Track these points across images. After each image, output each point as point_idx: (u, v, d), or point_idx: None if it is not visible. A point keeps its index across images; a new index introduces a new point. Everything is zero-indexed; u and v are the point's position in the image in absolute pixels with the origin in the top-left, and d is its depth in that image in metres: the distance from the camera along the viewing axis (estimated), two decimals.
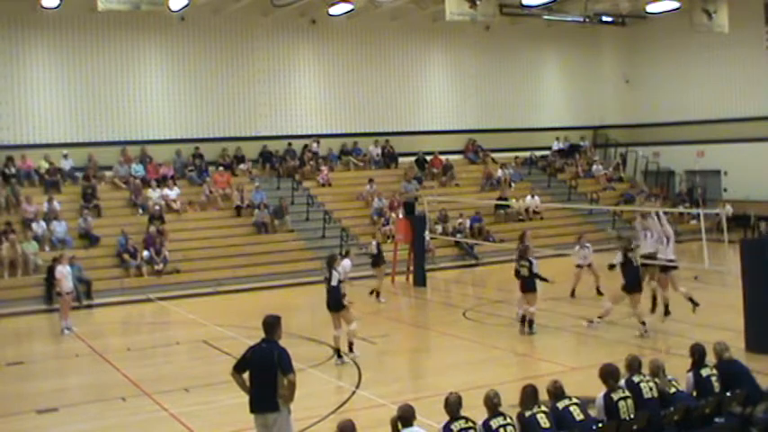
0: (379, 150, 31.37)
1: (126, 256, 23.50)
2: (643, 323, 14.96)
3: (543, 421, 7.76)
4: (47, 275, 21.21)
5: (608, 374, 8.49)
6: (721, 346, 9.48)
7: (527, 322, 15.53)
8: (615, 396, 8.33)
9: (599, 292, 18.84)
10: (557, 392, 8.25)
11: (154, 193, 26.25)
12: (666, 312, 16.24)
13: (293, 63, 30.36)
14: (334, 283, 13.79)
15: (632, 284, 14.98)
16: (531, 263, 15.37)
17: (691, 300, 15.88)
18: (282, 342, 8.25)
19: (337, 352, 13.98)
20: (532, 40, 34.51)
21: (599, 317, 15.69)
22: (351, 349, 14.24)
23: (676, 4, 29.40)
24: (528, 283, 15.40)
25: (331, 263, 14.01)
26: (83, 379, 14.48)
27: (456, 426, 7.57)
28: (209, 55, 28.74)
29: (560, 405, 8.10)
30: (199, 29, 28.51)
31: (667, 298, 16.22)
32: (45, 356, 16.49)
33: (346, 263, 17.21)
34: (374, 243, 20.77)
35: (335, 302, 13.82)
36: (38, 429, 11.56)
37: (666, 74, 34.42)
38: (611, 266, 15.42)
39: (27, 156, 26.01)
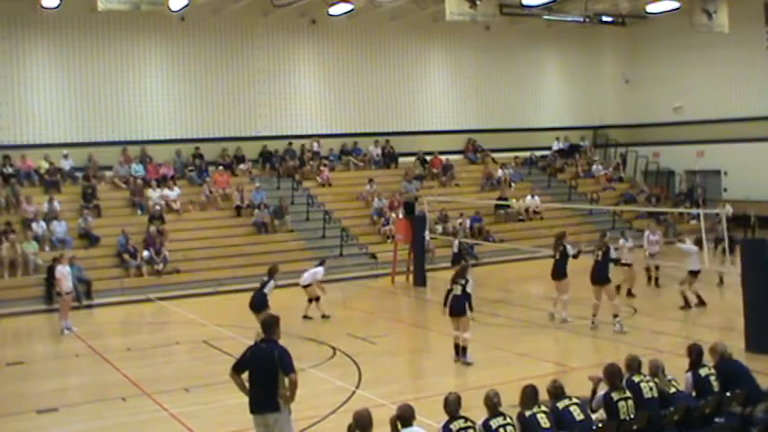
0: (379, 150, 31.37)
1: (126, 256, 23.49)
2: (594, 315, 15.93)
3: (543, 421, 7.76)
4: (47, 275, 21.21)
5: (612, 374, 8.49)
6: (721, 347, 9.49)
7: (460, 350, 13.67)
8: (615, 396, 8.33)
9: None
10: (557, 392, 8.26)
11: (154, 193, 26.25)
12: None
13: (293, 63, 30.35)
14: (266, 290, 14.91)
15: (606, 278, 15.78)
16: (467, 281, 13.68)
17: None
18: (282, 342, 8.25)
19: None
20: (532, 40, 34.50)
21: (615, 315, 15.69)
22: None
23: (676, 4, 29.39)
24: (459, 305, 13.56)
25: (272, 273, 15.22)
26: (83, 379, 14.47)
27: (455, 425, 7.58)
28: (209, 55, 28.74)
29: (560, 405, 8.11)
30: (199, 29, 28.51)
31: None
32: (45, 356, 16.50)
33: (319, 269, 18.17)
34: (456, 242, 20.73)
35: (261, 305, 14.82)
36: (38, 429, 11.56)
37: (666, 74, 34.40)
38: (617, 262, 16.45)
39: (27, 156, 26.01)
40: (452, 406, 7.74)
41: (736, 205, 28.17)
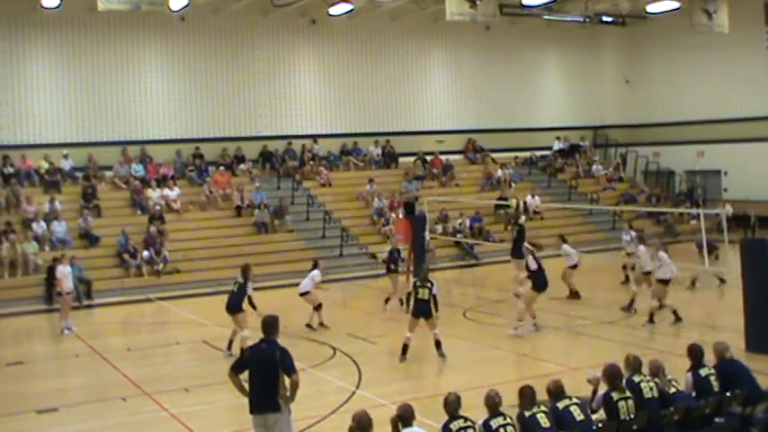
0: (379, 150, 31.37)
1: (126, 256, 23.50)
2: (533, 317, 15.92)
3: (543, 421, 7.76)
4: (47, 275, 21.22)
5: (612, 374, 8.48)
6: (722, 346, 9.48)
7: (436, 344, 14.07)
8: (615, 396, 8.33)
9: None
10: (557, 392, 8.24)
11: (154, 193, 26.25)
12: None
13: (293, 63, 30.36)
14: (249, 292, 14.77)
15: (543, 284, 15.68)
16: (432, 285, 14.05)
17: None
18: (282, 342, 8.23)
19: (229, 344, 14.93)
20: (532, 40, 34.50)
21: (520, 320, 15.76)
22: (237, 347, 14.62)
23: (676, 4, 29.39)
24: (423, 308, 13.94)
25: (247, 273, 14.99)
26: (83, 379, 14.47)
27: (455, 425, 7.58)
28: (209, 55, 28.75)
29: (560, 405, 8.10)
30: (199, 29, 28.51)
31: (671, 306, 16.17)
32: (45, 356, 16.50)
33: (316, 273, 17.37)
34: (386, 250, 20.18)
35: (236, 306, 14.75)
36: (38, 429, 11.56)
37: (666, 74, 34.40)
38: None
39: (27, 156, 26.01)
40: (452, 406, 7.74)
41: (736, 205, 28.19)
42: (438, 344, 14.11)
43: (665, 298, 15.96)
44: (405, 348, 14.13)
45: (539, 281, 15.61)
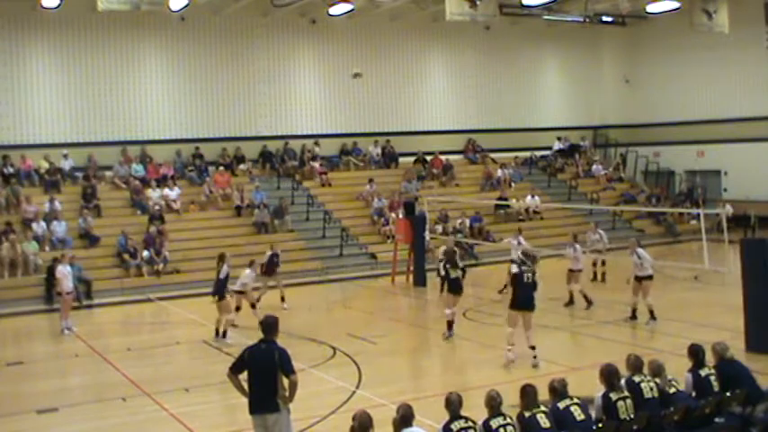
0: (379, 150, 31.37)
1: (126, 256, 23.50)
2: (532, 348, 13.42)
3: (543, 421, 7.75)
4: (47, 275, 21.22)
5: (609, 374, 8.47)
6: (722, 346, 9.47)
7: (449, 324, 15.65)
8: (614, 396, 8.32)
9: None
10: (561, 390, 8.22)
11: (154, 193, 26.25)
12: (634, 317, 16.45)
13: (293, 63, 30.36)
14: (222, 275, 16.06)
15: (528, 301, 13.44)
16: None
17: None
18: (283, 342, 8.23)
19: (216, 331, 16.34)
20: (532, 40, 34.51)
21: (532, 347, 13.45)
22: (224, 335, 16.13)
23: (676, 4, 29.41)
24: (457, 285, 15.52)
25: (222, 258, 16.25)
26: (83, 379, 14.49)
27: (456, 425, 7.57)
28: (209, 55, 28.75)
29: (561, 405, 8.09)
30: (199, 29, 28.51)
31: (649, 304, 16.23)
32: (45, 356, 16.49)
33: (248, 272, 17.50)
34: (268, 253, 19.97)
35: (220, 292, 16.16)
36: (38, 429, 11.56)
37: (666, 74, 34.41)
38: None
39: (27, 156, 26.01)
40: (454, 405, 7.73)
41: (736, 205, 28.17)
42: (450, 324, 15.55)
43: (646, 295, 16.11)
44: (450, 324, 15.47)
45: (517, 297, 13.39)
